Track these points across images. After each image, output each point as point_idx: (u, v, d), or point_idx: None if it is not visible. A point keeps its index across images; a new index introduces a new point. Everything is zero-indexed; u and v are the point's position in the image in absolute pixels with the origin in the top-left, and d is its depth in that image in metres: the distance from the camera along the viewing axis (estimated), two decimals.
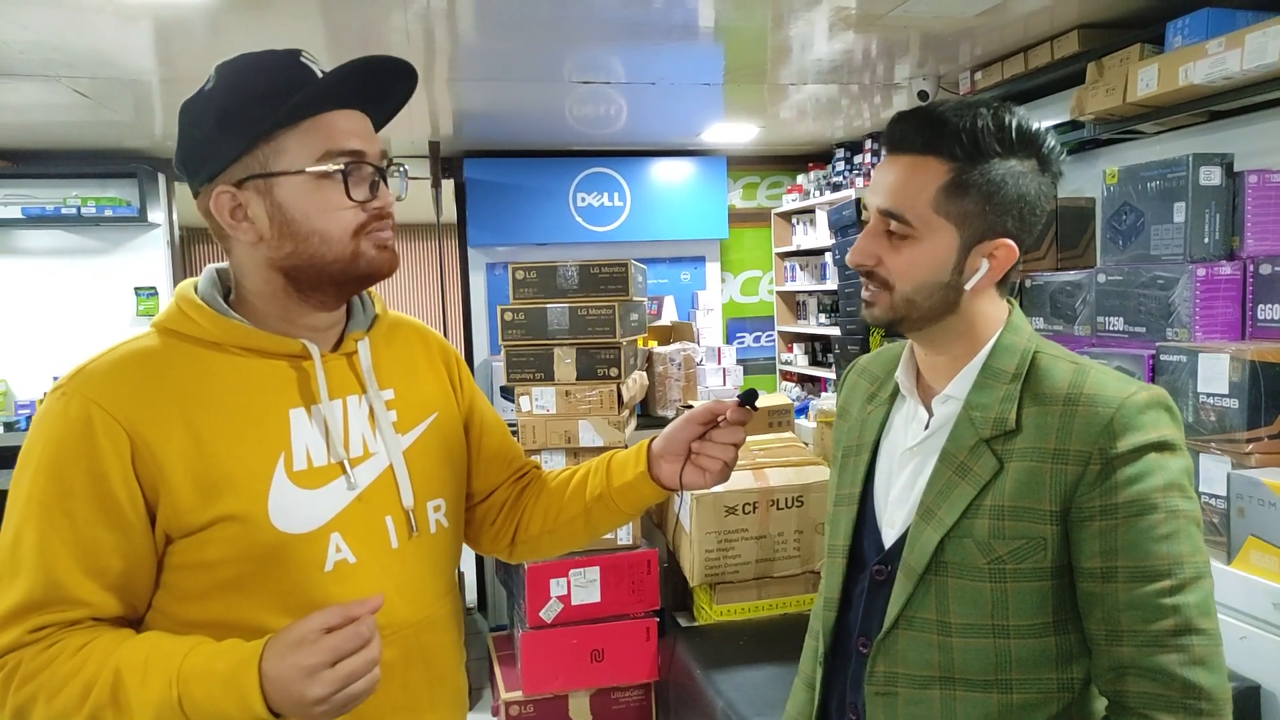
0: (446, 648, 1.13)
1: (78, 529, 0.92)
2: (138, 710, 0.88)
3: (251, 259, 1.03)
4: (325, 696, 0.85)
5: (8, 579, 0.92)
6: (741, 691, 2.30)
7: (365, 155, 1.01)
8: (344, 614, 0.88)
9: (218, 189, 1.00)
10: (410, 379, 1.15)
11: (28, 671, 0.90)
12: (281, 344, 1.02)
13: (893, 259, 1.03)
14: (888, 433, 1.14)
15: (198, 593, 0.97)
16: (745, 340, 6.25)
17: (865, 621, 1.09)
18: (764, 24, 3.11)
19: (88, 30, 2.90)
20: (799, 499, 2.66)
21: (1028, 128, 1.01)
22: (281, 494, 0.98)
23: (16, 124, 4.27)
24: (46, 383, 4.99)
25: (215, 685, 0.87)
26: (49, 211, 4.91)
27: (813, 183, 5.69)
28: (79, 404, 0.93)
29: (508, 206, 5.55)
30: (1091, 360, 1.04)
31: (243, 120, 0.97)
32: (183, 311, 1.02)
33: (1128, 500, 0.94)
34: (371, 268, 1.02)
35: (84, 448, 0.92)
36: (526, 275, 2.88)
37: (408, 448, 1.10)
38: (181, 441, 0.95)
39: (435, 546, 1.11)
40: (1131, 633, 0.93)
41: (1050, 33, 3.16)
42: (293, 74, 0.98)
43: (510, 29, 3.08)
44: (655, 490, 1.18)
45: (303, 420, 1.01)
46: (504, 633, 3.42)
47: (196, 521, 0.95)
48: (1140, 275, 2.29)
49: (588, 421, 2.85)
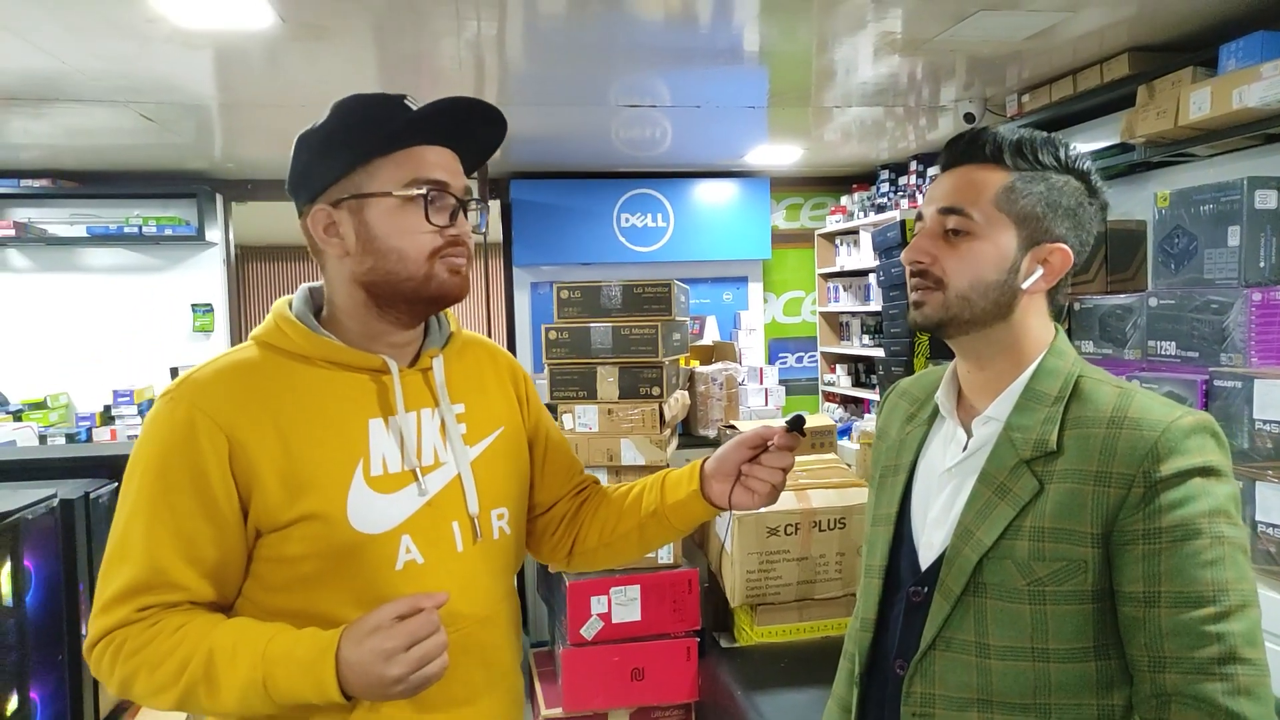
0: (502, 646, 1.18)
1: (179, 521, 1.01)
2: (226, 688, 0.97)
3: (339, 274, 1.12)
4: (403, 676, 0.93)
5: (117, 564, 1.02)
6: (783, 714, 2.29)
7: (448, 186, 1.09)
8: (412, 604, 0.96)
9: (316, 207, 1.10)
10: (480, 395, 1.22)
11: (133, 647, 0.99)
12: (364, 359, 1.10)
13: (949, 256, 1.04)
14: (925, 453, 1.14)
15: (281, 584, 1.05)
16: (788, 360, 6.23)
17: (903, 643, 1.08)
18: (809, 48, 3.13)
19: (155, 58, 3.01)
20: (841, 521, 2.65)
21: (1077, 154, 1.05)
22: (359, 497, 1.05)
23: (85, 147, 4.44)
24: (106, 396, 5.15)
25: (295, 669, 0.96)
26: (112, 230, 5.08)
27: (857, 204, 5.67)
28: (184, 409, 1.03)
29: (553, 227, 5.62)
30: (1135, 385, 1.04)
31: (343, 147, 1.08)
32: (279, 327, 1.11)
33: (1171, 525, 0.93)
34: (442, 290, 1.10)
35: (187, 449, 1.01)
36: (571, 294, 2.92)
37: (475, 458, 1.17)
38: (272, 445, 1.03)
39: (497, 552, 1.18)
40: (1175, 660, 0.92)
41: (1100, 56, 3.13)
42: (391, 109, 1.08)
43: (558, 55, 3.14)
44: (706, 508, 1.22)
45: (380, 430, 1.09)
46: (545, 649, 3.43)
47: (282, 518, 1.03)
48: (1193, 299, 2.26)
49: (630, 440, 2.87)
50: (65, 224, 5.14)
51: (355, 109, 1.09)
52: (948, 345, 1.13)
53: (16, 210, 5.11)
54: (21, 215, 5.09)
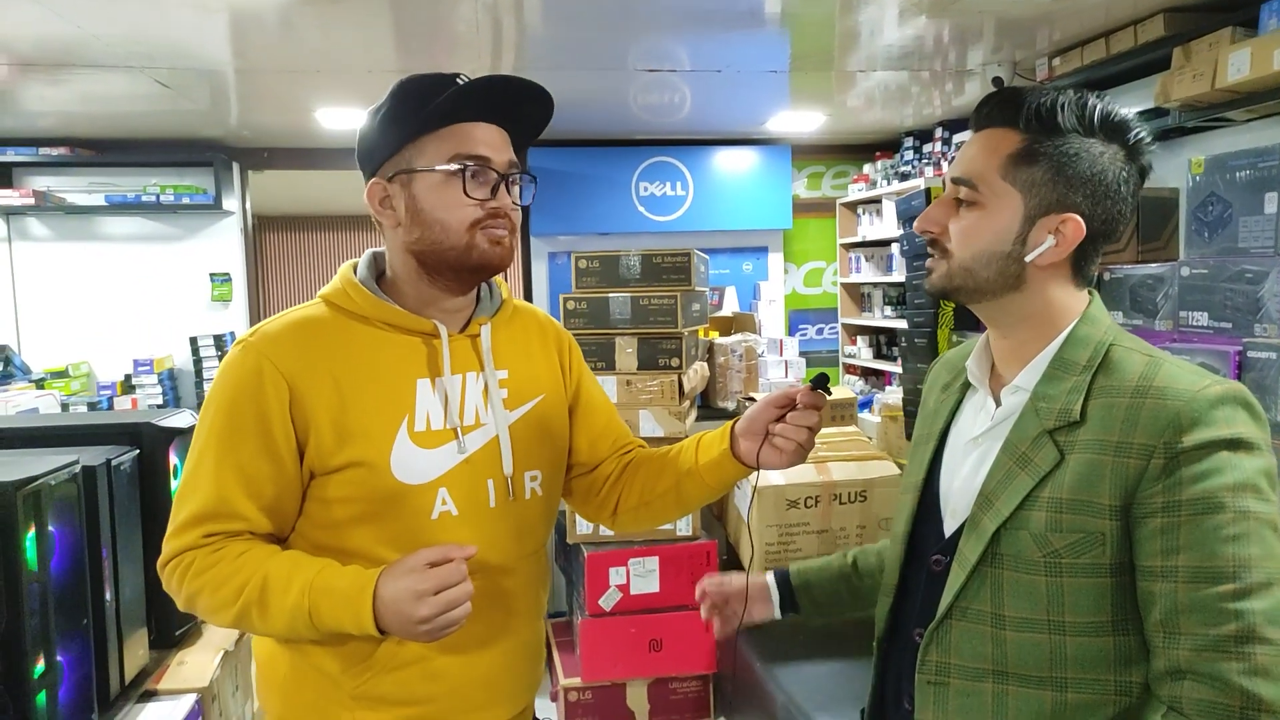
0: (523, 597, 1.27)
1: (243, 459, 1.12)
2: (276, 612, 1.07)
3: (394, 242, 1.21)
4: (429, 616, 1.02)
5: (189, 492, 1.13)
6: (803, 686, 2.28)
7: (491, 161, 1.16)
8: (444, 553, 1.05)
9: (373, 181, 1.19)
10: (524, 362, 1.30)
11: (199, 568, 1.10)
12: (417, 322, 1.19)
13: (955, 225, 1.03)
14: (956, 422, 1.14)
15: (330, 523, 1.16)
16: (808, 332, 6.19)
17: (922, 611, 1.08)
18: (832, 10, 3.06)
19: (169, 22, 2.99)
20: (862, 494, 2.62)
21: (1114, 113, 1.00)
22: (402, 449, 1.15)
23: (101, 114, 4.43)
24: (127, 364, 5.18)
25: (338, 600, 1.06)
26: (130, 199, 5.09)
27: (880, 172, 5.58)
28: (254, 357, 1.13)
29: (571, 196, 5.57)
30: (1169, 354, 1.00)
31: (395, 124, 1.16)
32: (344, 289, 1.20)
33: (1192, 498, 0.90)
34: (483, 260, 1.17)
35: (255, 393, 1.12)
36: (589, 264, 2.89)
37: (514, 422, 1.25)
38: (329, 395, 1.13)
39: (529, 511, 1.26)
40: (1190, 636, 0.89)
41: (1134, 17, 3.04)
42: (439, 87, 1.14)
43: (576, 19, 3.09)
44: (737, 467, 1.27)
45: (427, 389, 1.18)
46: (563, 619, 3.45)
47: (333, 463, 1.13)
48: (1227, 269, 2.20)
49: (648, 411, 2.85)
50: (84, 192, 5.14)
51: (410, 88, 1.16)
52: (972, 317, 1.11)
53: (35, 178, 5.13)
54: (40, 184, 5.10)
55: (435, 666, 1.18)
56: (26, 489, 1.24)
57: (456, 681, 1.20)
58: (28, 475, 1.26)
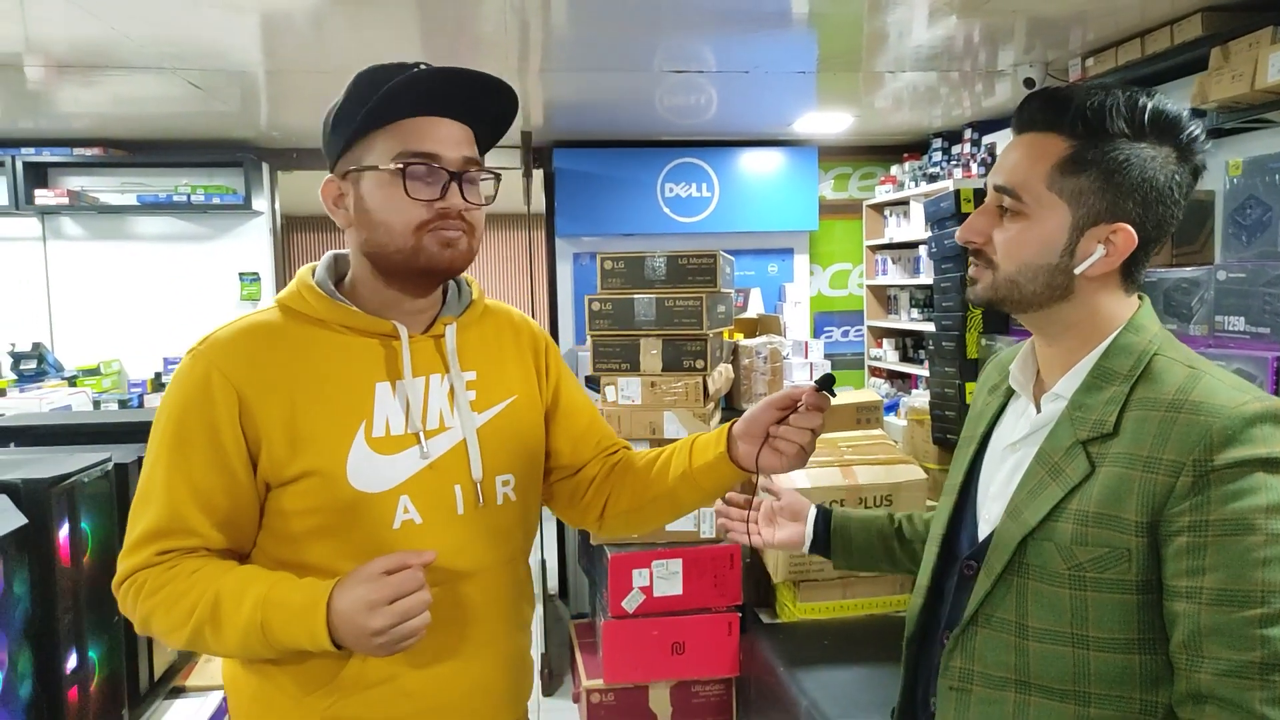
0: (498, 609, 1.20)
1: (194, 472, 1.07)
2: (229, 629, 1.02)
3: (350, 243, 1.17)
4: (385, 628, 0.97)
5: (142, 508, 1.09)
6: (826, 691, 2.26)
7: (439, 158, 1.09)
8: (400, 560, 1.00)
9: (328, 179, 1.15)
10: (495, 363, 1.24)
11: (152, 587, 1.06)
12: (375, 324, 1.14)
13: (999, 237, 1.00)
14: (999, 426, 1.12)
15: (289, 537, 1.10)
16: (833, 334, 6.15)
17: (952, 615, 1.07)
18: (860, 10, 3.03)
19: (200, 23, 3.02)
20: (888, 498, 2.60)
21: (1165, 112, 0.95)
22: (359, 456, 1.09)
23: (134, 115, 4.49)
24: (157, 362, 5.25)
25: (292, 615, 1.00)
26: (161, 199, 5.15)
27: (908, 174, 5.53)
28: (203, 366, 1.09)
29: (596, 196, 5.57)
30: (1214, 365, 0.97)
31: (346, 120, 1.10)
32: (299, 292, 1.15)
33: (1222, 518, 0.87)
34: (431, 263, 1.11)
35: (203, 404, 1.07)
36: (615, 266, 2.88)
37: (482, 425, 1.19)
38: (281, 403, 1.08)
39: (501, 518, 1.20)
40: (1214, 660, 0.87)
41: (1171, 16, 2.99)
42: (391, 78, 1.07)
43: (603, 19, 3.08)
44: (734, 471, 1.22)
45: (387, 393, 1.13)
46: (585, 620, 3.45)
47: (287, 473, 1.08)
48: (1265, 273, 2.15)
49: (673, 413, 2.84)
50: (116, 192, 5.21)
51: (363, 80, 1.10)
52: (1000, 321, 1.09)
53: (69, 179, 5.20)
54: (74, 184, 5.17)
55: (407, 684, 1.12)
56: (60, 486, 1.26)
57: (432, 699, 1.14)
58: (62, 472, 1.28)
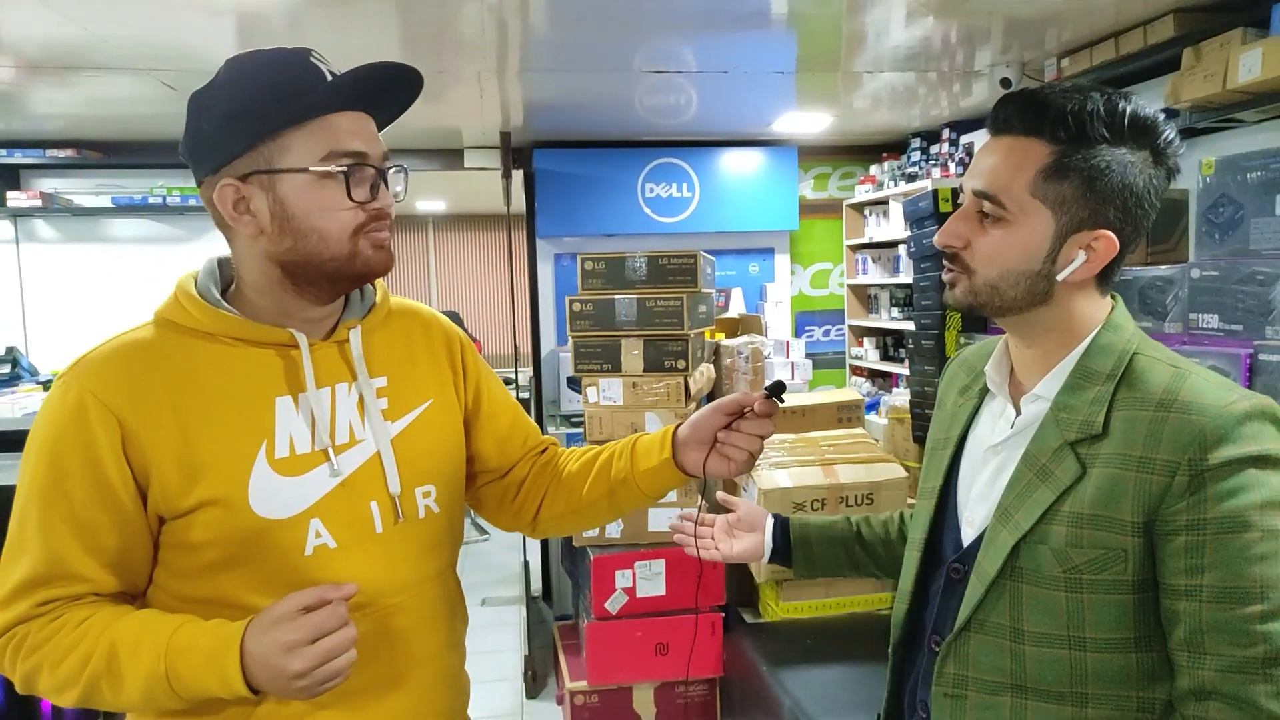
0: (426, 631, 1.13)
1: (75, 509, 0.97)
2: (130, 681, 0.93)
3: (250, 252, 1.05)
4: (305, 670, 0.89)
5: (15, 556, 0.98)
6: (809, 690, 2.27)
7: (368, 157, 1.03)
8: (320, 596, 0.92)
9: (222, 181, 1.02)
10: (406, 367, 1.17)
11: (34, 643, 0.96)
12: (269, 333, 1.05)
13: (980, 242, 1.00)
14: (975, 427, 1.11)
15: (190, 571, 1.01)
16: (814, 334, 6.17)
17: (939, 619, 1.07)
18: (839, 10, 3.04)
19: (176, 24, 2.98)
20: (869, 496, 2.61)
21: (1143, 116, 0.95)
22: (261, 480, 1.01)
23: (108, 117, 4.44)
24: None
25: (198, 660, 0.92)
26: (137, 201, 5.10)
27: (887, 173, 5.56)
28: (75, 392, 0.98)
29: (576, 197, 5.56)
30: (1195, 364, 0.98)
31: (251, 117, 0.99)
32: (178, 302, 1.06)
33: (1218, 516, 0.88)
34: (367, 267, 1.04)
35: (79, 434, 0.97)
36: (595, 266, 2.88)
37: (397, 435, 1.11)
38: (169, 428, 0.98)
39: (424, 532, 1.13)
40: (1217, 656, 0.88)
41: (1144, 17, 3.02)
42: (302, 75, 1.00)
43: (582, 19, 3.08)
44: (678, 476, 1.20)
45: (289, 408, 1.04)
46: (569, 622, 3.44)
47: (182, 505, 0.99)
48: (1238, 271, 2.18)
49: (654, 414, 2.84)
50: (90, 194, 5.15)
51: (260, 71, 1.01)
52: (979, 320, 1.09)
53: (42, 181, 5.14)
54: (48, 186, 5.11)
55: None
56: None
57: None
58: None
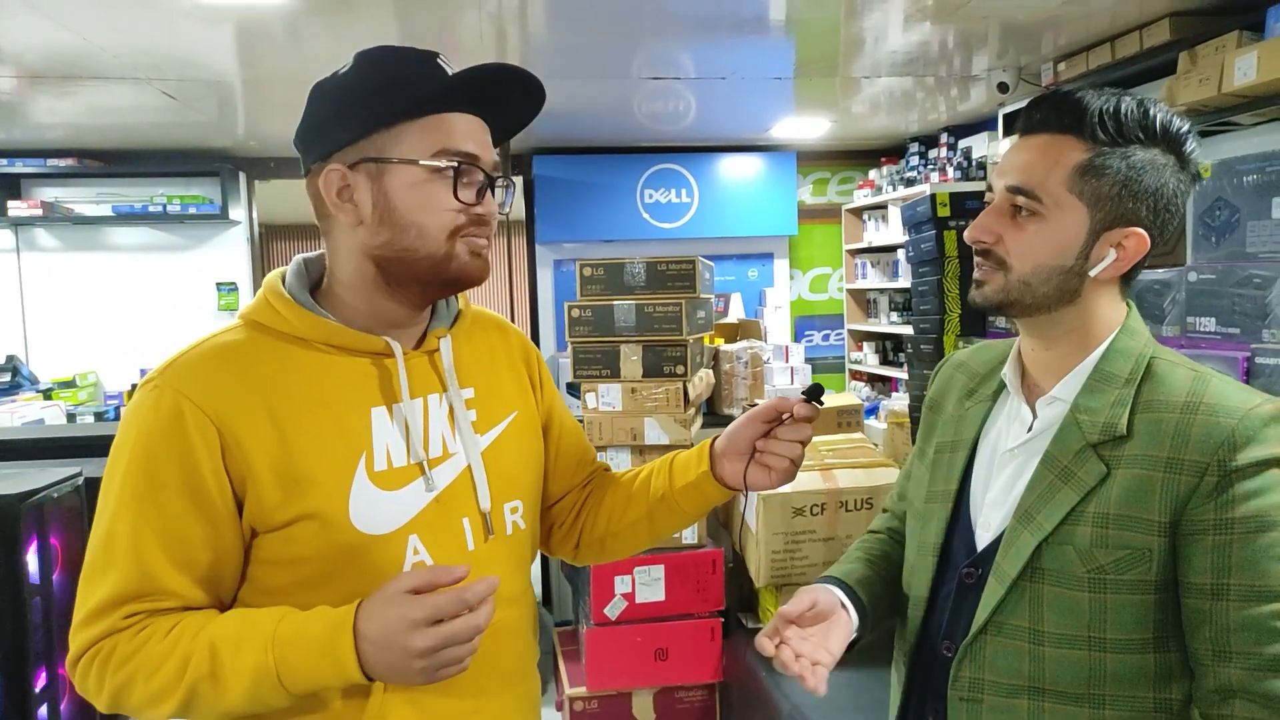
0: (515, 649, 1.10)
1: (168, 521, 0.92)
2: (233, 680, 0.88)
3: (348, 243, 1.02)
4: (429, 650, 0.85)
5: (102, 569, 0.93)
6: (808, 696, 2.26)
7: (479, 160, 1.00)
8: (430, 578, 0.88)
9: (330, 167, 1.00)
10: (490, 377, 1.14)
11: (123, 655, 0.91)
12: (365, 341, 1.01)
13: (1015, 238, 0.99)
14: (988, 431, 1.10)
15: (279, 588, 0.97)
16: (814, 338, 6.17)
17: (951, 624, 1.06)
18: (837, 16, 3.06)
19: (175, 33, 3.00)
20: (869, 501, 2.61)
21: (1173, 122, 0.97)
22: (362, 495, 0.97)
23: (109, 125, 4.45)
24: (134, 374, 5.20)
25: (311, 648, 0.88)
26: (137, 209, 5.11)
27: (885, 178, 5.58)
28: (170, 397, 0.93)
29: (575, 203, 5.58)
30: (1212, 369, 0.99)
31: (368, 104, 0.98)
32: (269, 304, 1.01)
33: (1245, 516, 0.89)
34: (462, 272, 1.01)
35: (175, 440, 0.92)
36: (594, 272, 2.88)
37: (486, 448, 1.08)
38: (267, 437, 0.94)
39: (512, 549, 1.09)
40: (1242, 655, 0.89)
41: (1139, 21, 3.03)
42: (424, 69, 0.99)
43: (581, 26, 3.09)
44: (719, 490, 1.14)
45: (384, 419, 1.01)
46: (568, 628, 3.44)
47: (280, 518, 0.94)
48: (1235, 274, 2.18)
49: (653, 419, 2.84)
50: (91, 203, 5.17)
51: (384, 64, 1.00)
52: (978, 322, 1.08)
53: (43, 190, 5.16)
54: (48, 195, 5.13)
55: None
56: (30, 501, 1.24)
57: None
58: (31, 487, 1.26)
